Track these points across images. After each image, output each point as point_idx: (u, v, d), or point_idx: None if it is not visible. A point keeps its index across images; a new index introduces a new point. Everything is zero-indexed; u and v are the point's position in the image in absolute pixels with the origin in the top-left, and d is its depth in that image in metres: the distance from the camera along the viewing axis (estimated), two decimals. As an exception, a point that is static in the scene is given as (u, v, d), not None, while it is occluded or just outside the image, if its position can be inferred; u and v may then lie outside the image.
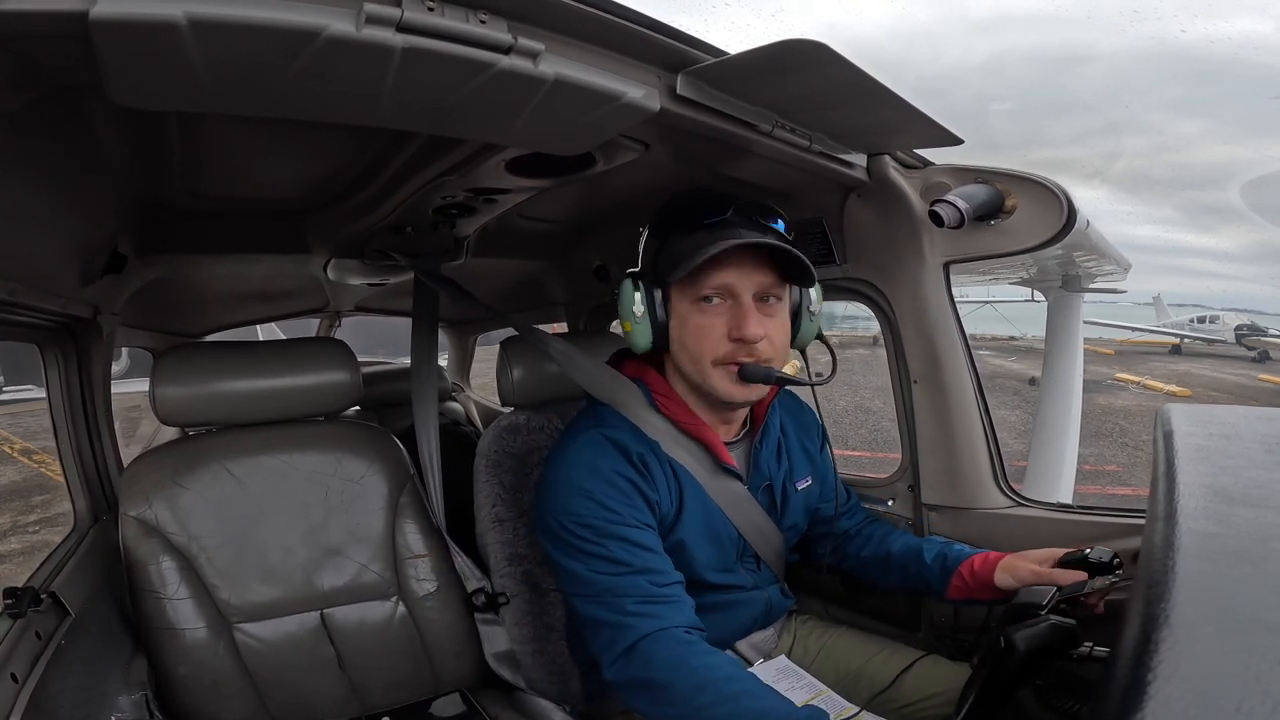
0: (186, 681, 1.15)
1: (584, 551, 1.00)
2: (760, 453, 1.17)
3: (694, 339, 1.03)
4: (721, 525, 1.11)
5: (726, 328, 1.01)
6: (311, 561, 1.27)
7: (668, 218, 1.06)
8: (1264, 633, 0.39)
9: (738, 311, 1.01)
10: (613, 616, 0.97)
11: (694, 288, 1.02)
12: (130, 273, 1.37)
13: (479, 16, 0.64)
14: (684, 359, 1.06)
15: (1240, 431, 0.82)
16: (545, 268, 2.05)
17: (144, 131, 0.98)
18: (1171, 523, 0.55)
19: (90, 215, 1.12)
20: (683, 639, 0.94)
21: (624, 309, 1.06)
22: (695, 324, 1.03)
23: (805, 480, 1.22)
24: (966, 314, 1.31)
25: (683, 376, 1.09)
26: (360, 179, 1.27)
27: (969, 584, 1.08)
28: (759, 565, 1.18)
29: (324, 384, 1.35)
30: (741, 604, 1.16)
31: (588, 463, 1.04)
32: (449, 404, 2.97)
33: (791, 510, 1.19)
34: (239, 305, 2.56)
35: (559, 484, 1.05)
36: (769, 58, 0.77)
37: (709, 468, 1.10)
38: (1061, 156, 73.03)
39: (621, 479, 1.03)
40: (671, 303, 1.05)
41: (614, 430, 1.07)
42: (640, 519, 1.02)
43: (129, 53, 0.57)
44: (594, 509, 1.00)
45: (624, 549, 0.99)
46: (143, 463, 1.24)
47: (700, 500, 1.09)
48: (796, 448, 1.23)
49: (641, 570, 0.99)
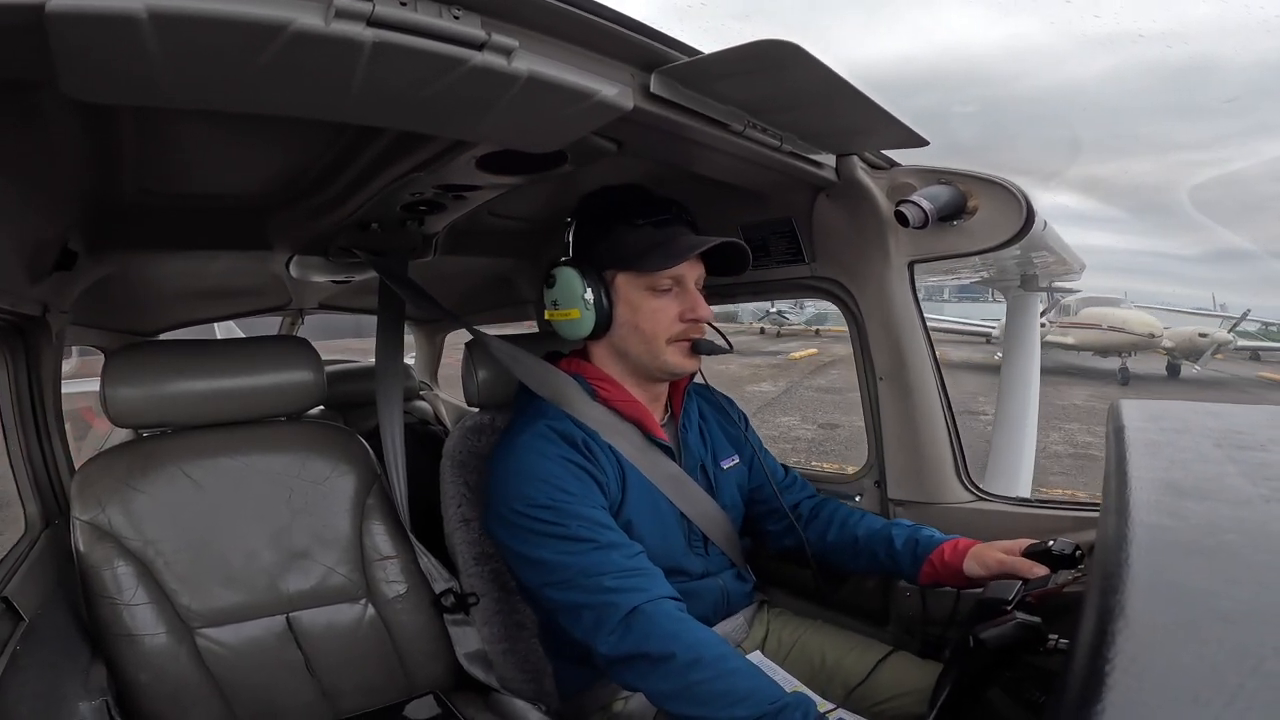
0: (148, 688, 1.12)
1: (547, 535, 1.01)
2: (687, 434, 1.24)
3: (649, 321, 1.12)
4: (665, 507, 1.15)
5: (678, 310, 1.12)
6: (276, 565, 1.24)
7: (607, 211, 1.14)
8: (1218, 623, 0.41)
9: (687, 298, 1.13)
10: (593, 597, 0.96)
11: (650, 278, 1.11)
12: (81, 270, 1.31)
13: (452, 12, 0.63)
14: (634, 340, 1.14)
15: (1190, 426, 0.85)
16: (515, 266, 2.03)
17: (98, 125, 0.94)
18: (1124, 516, 0.57)
19: (39, 210, 1.08)
20: (675, 612, 0.95)
21: (568, 296, 1.13)
22: (651, 307, 1.12)
23: (731, 459, 1.29)
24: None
25: (624, 358, 1.17)
26: (326, 175, 1.24)
27: (939, 571, 1.11)
28: (707, 549, 1.20)
29: (286, 383, 1.31)
30: (696, 593, 1.16)
31: (537, 450, 1.08)
32: (416, 403, 2.93)
33: (724, 490, 1.24)
34: (196, 303, 2.47)
35: (510, 474, 1.07)
36: (742, 58, 0.78)
37: (641, 445, 1.16)
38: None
39: (571, 464, 1.06)
40: (618, 290, 1.13)
41: (557, 421, 1.12)
42: (595, 500, 1.06)
43: (86, 46, 0.54)
44: (550, 491, 1.03)
45: (586, 527, 1.01)
46: (94, 466, 1.20)
47: (641, 483, 1.13)
48: (717, 430, 1.31)
49: (609, 545, 1.00)
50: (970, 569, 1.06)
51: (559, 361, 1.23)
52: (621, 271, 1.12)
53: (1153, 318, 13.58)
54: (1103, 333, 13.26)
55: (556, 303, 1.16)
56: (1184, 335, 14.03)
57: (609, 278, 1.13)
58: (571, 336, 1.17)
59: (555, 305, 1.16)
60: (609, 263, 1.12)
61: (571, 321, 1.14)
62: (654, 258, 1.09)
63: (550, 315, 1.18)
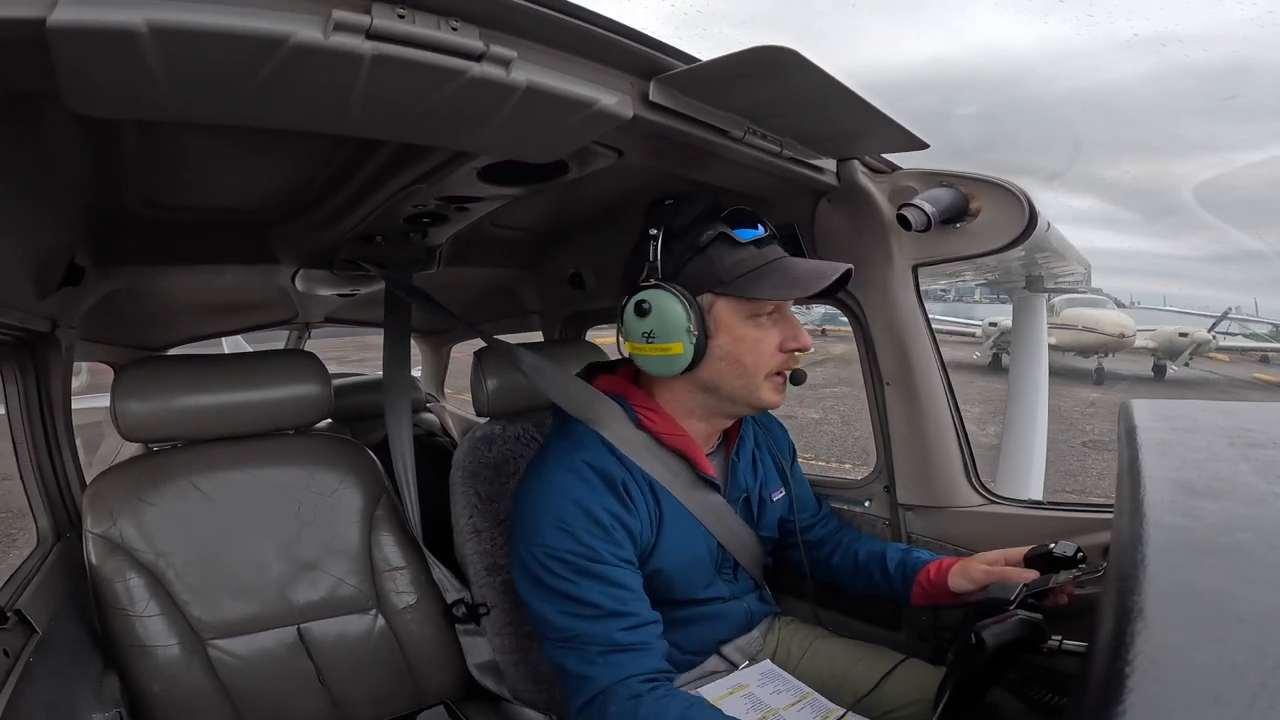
0: (160, 699, 1.12)
1: (554, 590, 0.96)
2: (737, 465, 1.16)
3: (753, 354, 1.01)
4: (702, 540, 1.10)
5: (780, 339, 1.02)
6: (286, 576, 1.24)
7: (699, 225, 1.00)
8: (1235, 623, 0.40)
9: (787, 325, 1.03)
10: (578, 666, 0.95)
11: (754, 304, 0.99)
12: (88, 285, 1.33)
13: (450, 23, 0.63)
14: (731, 374, 1.01)
15: (1202, 425, 0.84)
16: (519, 276, 2.04)
17: (102, 140, 0.95)
18: (1138, 517, 0.56)
19: (46, 225, 1.09)
20: (635, 690, 0.92)
21: (670, 327, 0.98)
22: (754, 338, 1.00)
23: (779, 492, 1.23)
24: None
25: (706, 392, 1.05)
26: (328, 188, 1.25)
27: (929, 591, 1.11)
28: (736, 574, 1.18)
29: (294, 397, 1.32)
30: (721, 615, 1.16)
31: (567, 493, 0.99)
32: (423, 415, 2.94)
33: (767, 521, 1.20)
34: (203, 318, 2.49)
35: (535, 513, 1.00)
36: (740, 64, 0.78)
37: (687, 480, 1.08)
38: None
39: (605, 512, 0.98)
40: (716, 317, 1.00)
41: (594, 454, 1.03)
42: (620, 555, 0.98)
43: (88, 60, 0.55)
44: (571, 544, 0.96)
45: (599, 590, 0.95)
46: (105, 479, 1.21)
47: (679, 517, 1.07)
48: (769, 459, 1.24)
49: (613, 614, 0.95)
50: (956, 584, 1.06)
51: (595, 378, 1.13)
52: (722, 297, 0.99)
53: (1126, 317, 13.49)
54: (1078, 333, 13.20)
55: (652, 334, 0.99)
56: (1165, 335, 14.03)
57: (706, 303, 0.99)
58: (662, 372, 1.03)
59: (650, 337, 1.00)
60: (707, 285, 0.99)
61: (670, 357, 0.99)
62: (769, 283, 0.97)
63: (637, 349, 1.03)
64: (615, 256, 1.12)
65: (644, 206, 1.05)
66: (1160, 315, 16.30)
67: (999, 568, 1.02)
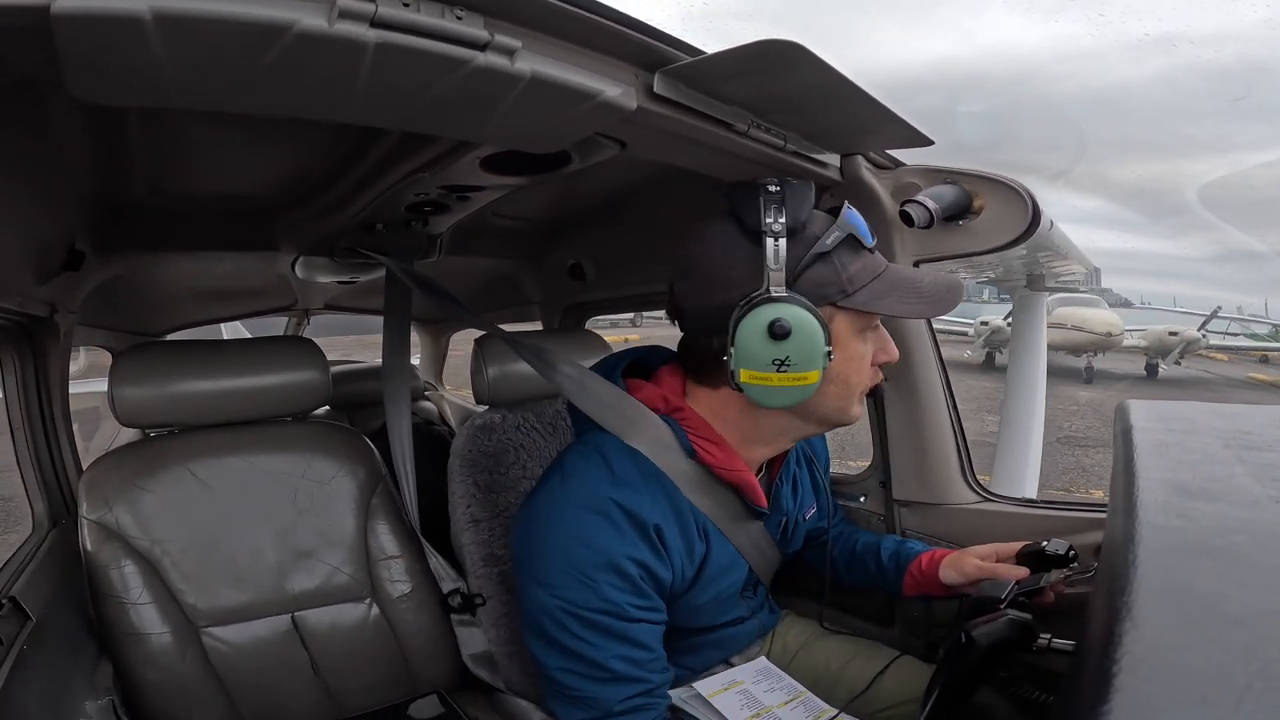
0: (154, 687, 1.12)
1: (568, 650, 0.87)
2: (781, 489, 1.09)
3: (858, 372, 0.91)
4: (739, 571, 1.05)
5: (873, 353, 0.93)
6: (281, 564, 1.24)
7: (818, 221, 0.87)
8: (1225, 625, 0.41)
9: (879, 337, 0.93)
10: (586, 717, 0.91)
11: (866, 317, 0.89)
12: (89, 270, 1.32)
13: (455, 12, 0.63)
14: (833, 394, 0.89)
15: (1198, 426, 0.84)
16: (520, 266, 2.04)
17: (105, 127, 0.95)
18: (1131, 517, 0.56)
19: (47, 211, 1.09)
20: None
21: (809, 353, 0.82)
22: (860, 354, 0.90)
23: (812, 508, 1.19)
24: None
25: (793, 415, 0.92)
26: (331, 176, 1.24)
27: (920, 581, 1.10)
28: (756, 590, 1.17)
29: (292, 383, 1.32)
30: (736, 636, 1.16)
31: (593, 541, 0.87)
32: (421, 404, 2.94)
33: (796, 540, 1.19)
34: (202, 303, 2.49)
35: (553, 557, 0.88)
36: (745, 57, 0.78)
37: (735, 513, 0.99)
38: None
39: (632, 564, 0.87)
40: (835, 334, 0.86)
41: (627, 493, 0.89)
42: (646, 606, 0.89)
43: (91, 47, 0.55)
44: (594, 600, 0.86)
45: (618, 653, 0.88)
46: (102, 465, 1.20)
47: (723, 553, 0.99)
48: (807, 479, 1.19)
49: (628, 680, 0.89)
50: (947, 577, 1.05)
51: (631, 384, 0.99)
52: (841, 310, 0.87)
53: (1115, 316, 13.52)
54: (1067, 332, 13.22)
55: (788, 362, 0.82)
56: (1155, 334, 14.11)
57: (826, 316, 0.85)
58: (778, 404, 0.86)
59: (785, 365, 0.82)
60: (831, 296, 0.85)
61: (802, 388, 0.84)
62: (897, 296, 0.87)
63: (760, 379, 0.84)
64: (616, 248, 1.12)
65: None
66: (1170, 316, 16.29)
67: (991, 564, 1.02)
